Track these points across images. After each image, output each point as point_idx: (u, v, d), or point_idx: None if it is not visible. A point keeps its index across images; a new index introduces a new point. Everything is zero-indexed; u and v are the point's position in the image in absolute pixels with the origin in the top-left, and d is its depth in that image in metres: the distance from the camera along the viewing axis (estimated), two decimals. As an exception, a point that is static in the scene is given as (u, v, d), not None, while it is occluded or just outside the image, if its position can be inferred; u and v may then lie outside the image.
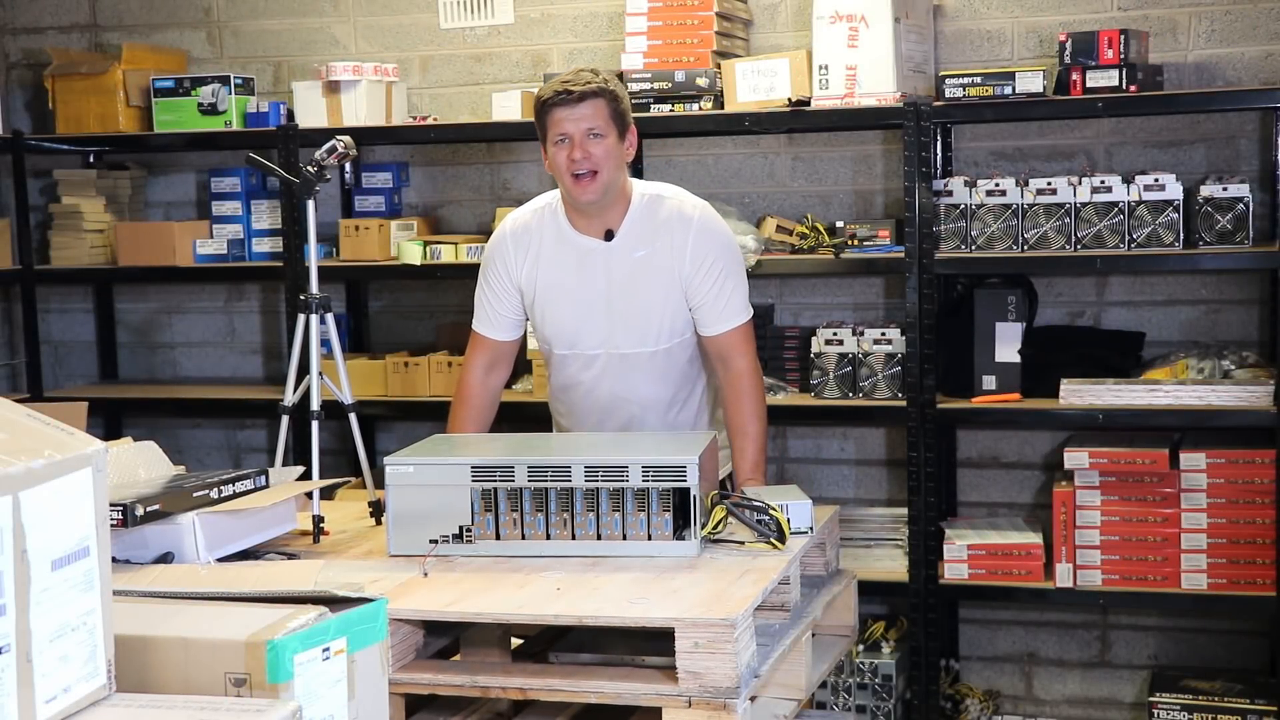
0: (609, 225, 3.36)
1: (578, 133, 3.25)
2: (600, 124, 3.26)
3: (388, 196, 4.97)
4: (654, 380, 3.45)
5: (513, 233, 3.45)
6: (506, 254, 3.45)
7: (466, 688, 2.54)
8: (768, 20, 4.67)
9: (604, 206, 3.34)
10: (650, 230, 3.37)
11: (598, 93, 3.27)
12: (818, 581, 3.10)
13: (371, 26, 5.04)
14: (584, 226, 3.37)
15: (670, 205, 3.42)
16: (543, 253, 3.41)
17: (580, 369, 3.46)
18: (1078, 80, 4.07)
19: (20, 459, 1.56)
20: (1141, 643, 4.56)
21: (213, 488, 2.80)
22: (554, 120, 3.27)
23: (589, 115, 3.26)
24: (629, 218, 3.37)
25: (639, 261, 3.36)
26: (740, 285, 3.44)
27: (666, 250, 3.36)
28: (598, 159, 3.26)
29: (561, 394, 3.56)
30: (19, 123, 5.26)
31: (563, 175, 3.29)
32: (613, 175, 3.30)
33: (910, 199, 4.19)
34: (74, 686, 1.63)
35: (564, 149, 3.26)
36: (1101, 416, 4.10)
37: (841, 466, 4.75)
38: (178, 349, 5.37)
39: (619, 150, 3.31)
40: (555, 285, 3.40)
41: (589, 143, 3.25)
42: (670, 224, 3.38)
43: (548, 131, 3.30)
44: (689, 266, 3.35)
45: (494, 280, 3.48)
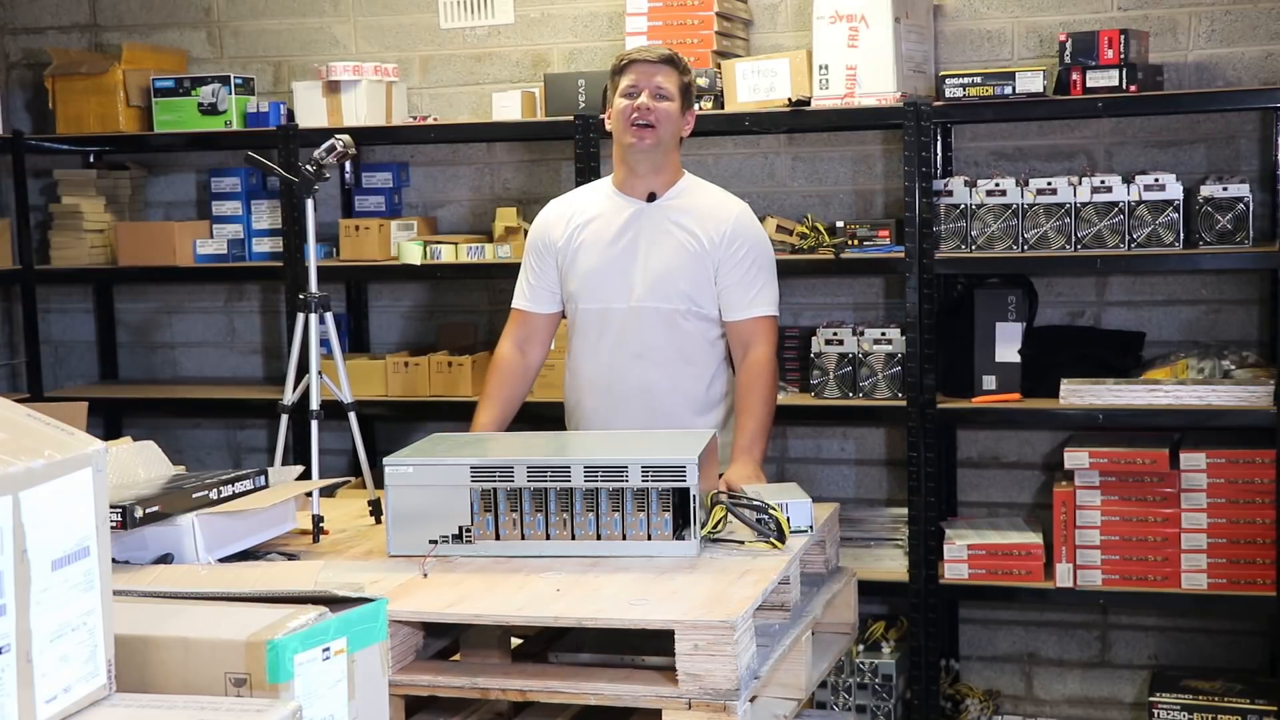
0: (653, 189, 3.54)
1: (648, 87, 3.47)
2: (669, 88, 3.49)
3: (388, 196, 4.97)
4: (672, 345, 3.52)
5: (559, 209, 3.66)
6: (549, 226, 3.63)
7: (466, 689, 2.54)
8: (768, 20, 4.67)
9: (653, 167, 3.52)
10: (693, 204, 3.55)
11: (674, 61, 3.52)
12: (818, 580, 3.10)
13: (371, 26, 5.04)
14: (629, 187, 3.56)
15: (716, 193, 3.64)
16: (584, 215, 3.58)
17: (601, 324, 3.55)
18: (1078, 80, 4.07)
19: (20, 459, 1.55)
20: (1141, 643, 4.56)
21: (212, 488, 2.80)
22: (631, 72, 3.49)
23: (661, 76, 3.48)
24: (675, 188, 3.57)
25: (676, 225, 3.52)
26: (771, 282, 3.59)
27: (706, 226, 3.52)
28: (660, 115, 3.46)
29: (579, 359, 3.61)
30: (19, 123, 5.26)
31: (623, 123, 3.48)
32: (668, 135, 3.49)
33: (910, 199, 4.19)
34: (74, 686, 1.63)
35: (631, 100, 3.47)
36: (1101, 416, 4.10)
37: (841, 466, 4.75)
38: (178, 349, 5.37)
39: (678, 118, 3.52)
40: (591, 237, 3.56)
41: (656, 100, 3.47)
42: (714, 206, 3.58)
43: (620, 84, 3.50)
44: (724, 249, 3.51)
45: (534, 256, 3.64)
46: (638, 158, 3.50)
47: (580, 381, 3.63)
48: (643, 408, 3.52)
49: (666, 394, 3.53)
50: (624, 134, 3.48)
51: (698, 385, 3.57)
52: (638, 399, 3.53)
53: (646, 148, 3.47)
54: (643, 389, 3.52)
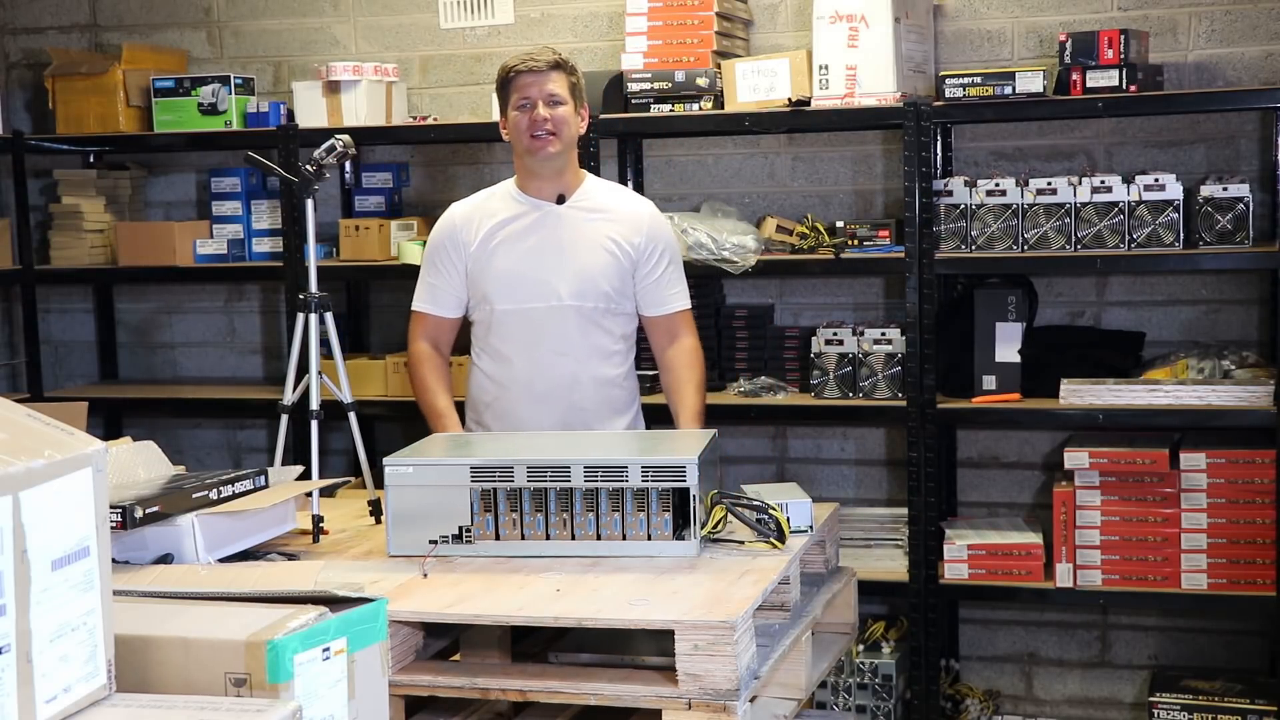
0: (561, 190, 3.60)
1: (541, 97, 3.50)
2: (561, 92, 3.52)
3: (388, 196, 4.97)
4: (593, 342, 3.58)
5: (462, 212, 3.69)
6: (456, 230, 3.66)
7: (466, 689, 2.54)
8: (768, 20, 4.67)
9: (557, 171, 3.57)
10: (604, 205, 3.62)
11: (560, 65, 3.55)
12: (817, 579, 3.10)
13: (371, 26, 5.04)
14: (535, 190, 3.61)
15: (624, 192, 3.75)
16: (493, 219, 3.62)
17: (520, 325, 3.58)
18: (1078, 80, 4.07)
19: (20, 459, 1.55)
20: (1141, 643, 4.56)
21: (212, 488, 2.80)
22: (518, 86, 3.52)
23: (551, 83, 3.52)
24: (582, 190, 3.62)
25: (591, 224, 3.59)
26: (683, 276, 3.70)
27: (620, 224, 3.59)
28: (558, 121, 3.51)
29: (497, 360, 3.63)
30: (19, 123, 5.26)
31: (522, 136, 3.54)
32: (569, 139, 3.55)
33: (910, 199, 4.19)
34: (74, 686, 1.63)
35: (526, 113, 3.51)
36: (1101, 416, 4.10)
37: (841, 466, 4.75)
38: (178, 349, 5.37)
39: (575, 119, 3.56)
40: (505, 240, 3.60)
41: (551, 106, 3.50)
42: (627, 205, 3.66)
43: (510, 98, 3.54)
44: (644, 247, 3.59)
45: (439, 258, 3.67)
46: (541, 165, 3.54)
47: (495, 381, 3.63)
48: (566, 405, 3.56)
49: (589, 391, 3.57)
50: (526, 145, 3.52)
51: (616, 382, 3.63)
52: (561, 397, 3.56)
53: (550, 155, 3.52)
54: (565, 387, 3.56)
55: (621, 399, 3.66)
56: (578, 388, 3.57)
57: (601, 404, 3.60)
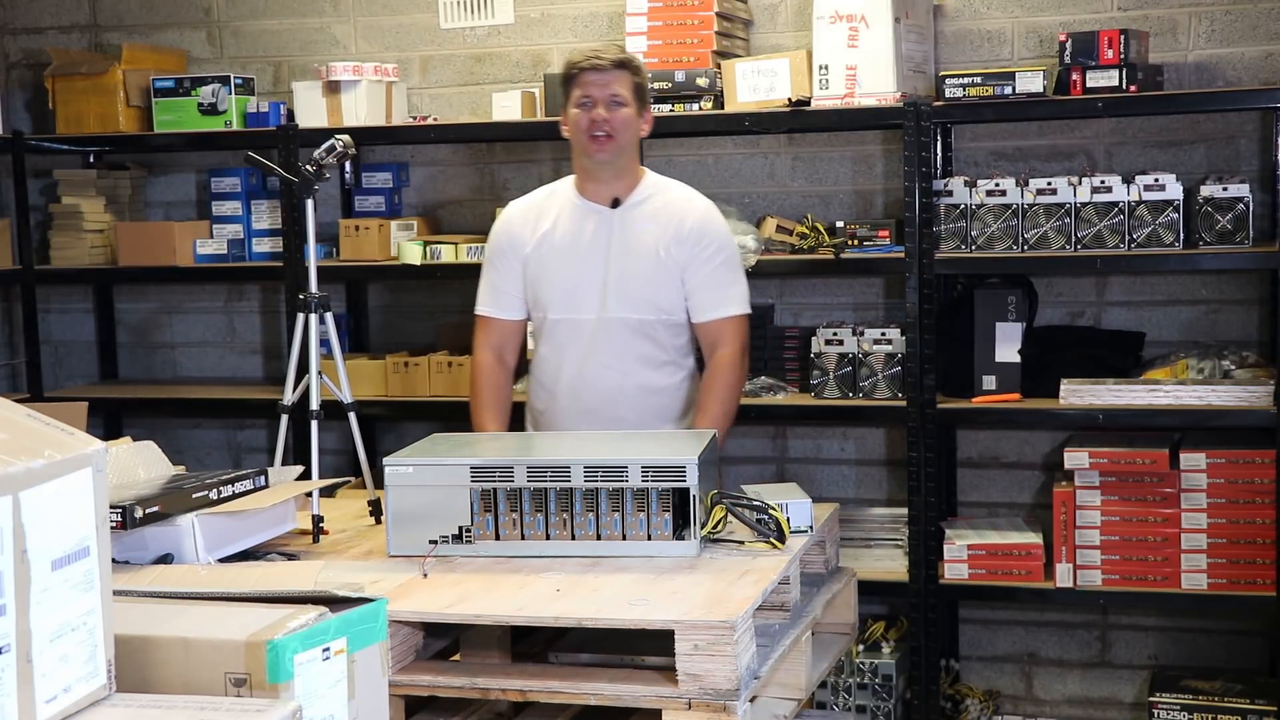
0: (617, 194, 3.52)
1: (602, 97, 3.44)
2: (624, 93, 3.46)
3: (388, 196, 4.97)
4: (642, 354, 3.52)
5: (519, 211, 3.62)
6: (513, 229, 3.59)
7: (466, 689, 2.54)
8: (768, 20, 4.67)
9: (615, 173, 3.50)
10: (657, 208, 3.52)
11: (626, 64, 3.48)
12: (817, 580, 3.10)
13: (371, 26, 5.04)
14: (592, 193, 3.53)
15: (680, 192, 3.61)
16: (549, 220, 3.55)
17: (570, 335, 3.53)
18: (1078, 80, 4.07)
19: (20, 459, 1.55)
20: (1141, 643, 4.56)
21: (212, 488, 2.80)
22: (582, 83, 3.45)
23: (615, 83, 3.45)
24: (637, 192, 3.54)
25: (642, 233, 3.50)
26: (739, 280, 3.57)
27: (671, 230, 3.50)
28: (617, 124, 3.44)
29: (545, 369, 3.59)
30: (19, 123, 5.26)
31: (581, 135, 3.45)
32: (628, 142, 3.48)
33: (910, 199, 4.19)
34: (74, 686, 1.63)
35: (586, 111, 3.45)
36: (1101, 416, 4.10)
37: (841, 466, 4.75)
38: (178, 349, 5.37)
39: (636, 122, 3.50)
40: (559, 247, 3.53)
41: (611, 108, 3.44)
42: (679, 207, 3.55)
43: (572, 94, 3.46)
44: (690, 250, 3.49)
45: (498, 259, 3.60)
46: (598, 166, 3.49)
47: (547, 390, 3.61)
48: (612, 418, 3.51)
49: (636, 403, 3.52)
50: (583, 145, 3.46)
51: (668, 391, 3.57)
52: (607, 409, 3.52)
53: (607, 158, 3.46)
54: (612, 399, 3.52)
55: (673, 407, 3.58)
56: (624, 400, 3.51)
57: (650, 414, 3.53)
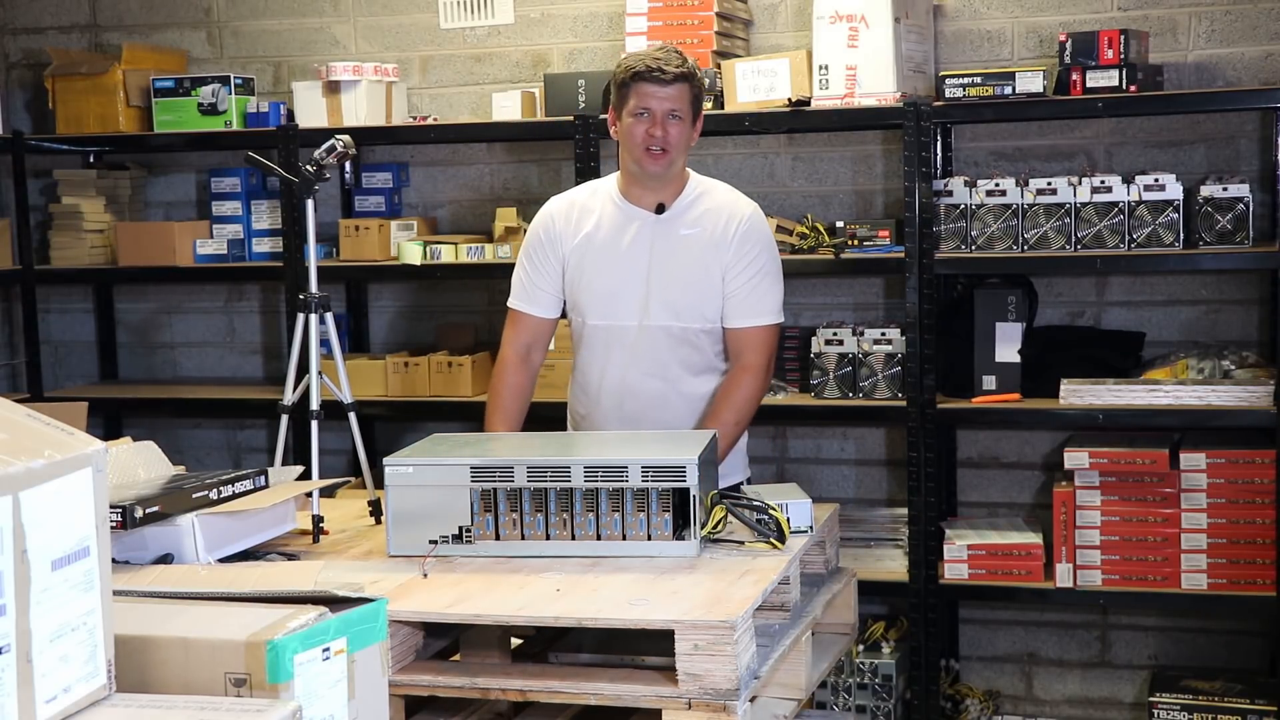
0: (662, 200, 3.44)
1: (661, 111, 3.33)
2: (682, 107, 3.36)
3: (388, 196, 4.97)
4: (685, 361, 3.46)
5: (561, 208, 3.53)
6: (553, 226, 3.51)
7: (466, 689, 2.54)
8: (768, 20, 4.67)
9: (663, 182, 3.42)
10: (702, 213, 3.45)
11: (687, 77, 3.36)
12: (817, 580, 3.10)
13: (371, 26, 5.04)
14: (637, 198, 3.45)
15: (725, 196, 3.52)
16: (591, 221, 3.48)
17: (611, 342, 3.47)
18: (1078, 80, 4.07)
19: (20, 459, 1.55)
20: (1141, 643, 4.56)
21: (212, 488, 2.80)
22: (640, 93, 3.34)
23: (675, 96, 3.34)
24: (683, 197, 3.46)
25: (685, 239, 3.43)
26: (776, 289, 3.50)
27: (715, 235, 3.43)
28: (673, 139, 3.35)
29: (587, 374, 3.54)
30: (19, 123, 5.26)
31: (635, 146, 3.36)
32: (680, 156, 3.41)
33: (910, 199, 4.19)
34: (74, 686, 1.63)
35: (644, 123, 3.34)
36: (1101, 416, 4.10)
37: (841, 466, 4.75)
38: (178, 349, 5.37)
39: (690, 135, 3.41)
40: (600, 251, 3.46)
41: (669, 122, 3.34)
42: (723, 211, 3.46)
43: (629, 102, 3.36)
44: (732, 254, 3.42)
45: (537, 254, 3.52)
46: (648, 177, 3.40)
47: (589, 395, 3.55)
48: (655, 423, 3.45)
49: (680, 409, 3.47)
50: (637, 157, 3.36)
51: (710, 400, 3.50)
52: (651, 417, 3.46)
53: (660, 170, 3.38)
54: (656, 405, 3.46)
55: None
56: (668, 407, 3.46)
57: (692, 420, 3.48)
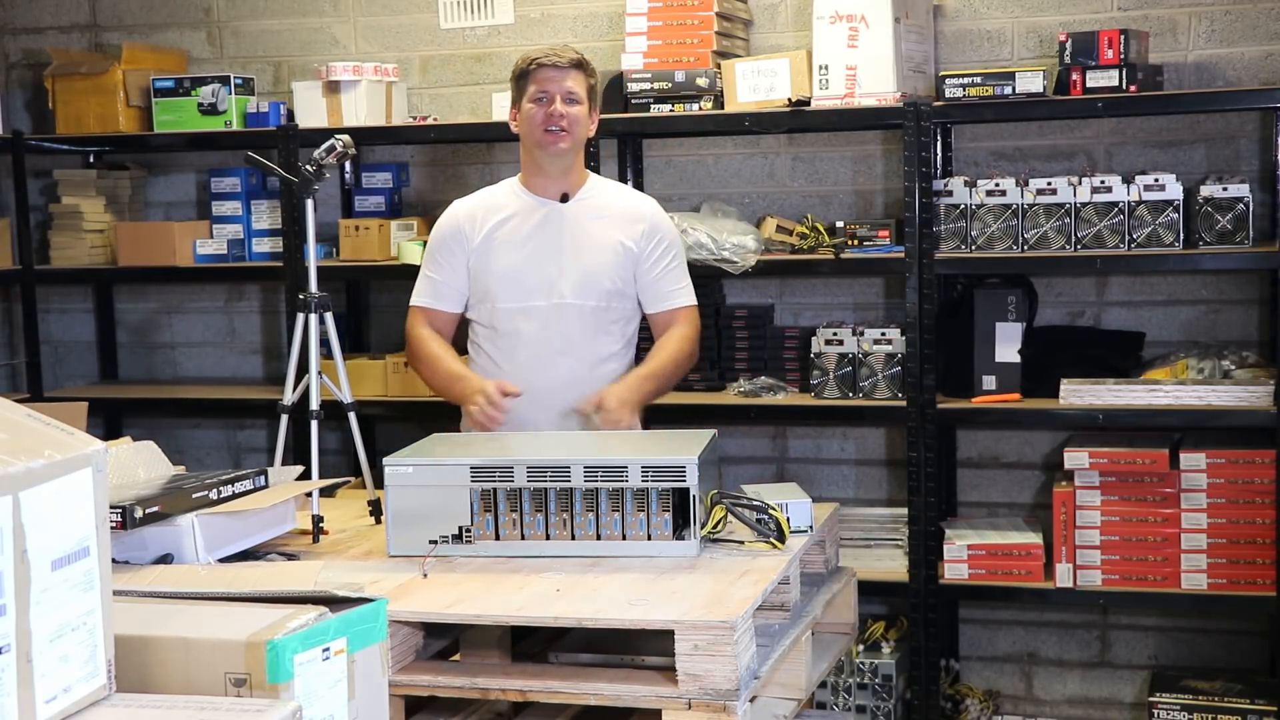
0: (565, 189, 3.61)
1: (559, 93, 3.52)
2: (579, 91, 3.55)
3: (388, 196, 4.97)
4: (593, 341, 3.58)
5: (465, 209, 3.71)
6: (459, 225, 3.67)
7: (466, 689, 2.54)
8: (768, 20, 4.67)
9: (564, 169, 3.59)
10: (607, 203, 3.64)
11: (581, 65, 3.58)
12: (817, 579, 3.10)
13: (371, 26, 5.04)
14: (540, 188, 3.62)
15: (626, 191, 3.79)
16: (497, 215, 3.63)
17: (521, 322, 3.58)
18: (1078, 80, 4.07)
19: (20, 459, 1.55)
20: (1141, 643, 4.56)
21: (212, 488, 2.80)
22: (539, 79, 3.53)
23: (571, 80, 3.54)
24: (586, 187, 3.65)
25: (593, 225, 3.61)
26: (686, 273, 3.70)
27: (626, 224, 3.60)
28: (571, 120, 3.52)
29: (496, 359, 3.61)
30: (19, 123, 5.26)
31: (536, 129, 3.53)
32: (580, 139, 3.57)
33: (910, 199, 4.19)
34: (74, 686, 1.63)
35: (542, 106, 3.52)
36: (1101, 416, 4.10)
37: (841, 466, 4.75)
38: (178, 349, 5.37)
39: (587, 121, 3.59)
40: (509, 238, 3.61)
41: (567, 104, 3.52)
42: (629, 203, 3.68)
43: (527, 89, 3.55)
44: (646, 245, 3.60)
45: (441, 254, 3.67)
46: (550, 161, 3.56)
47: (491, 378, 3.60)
48: (564, 404, 3.53)
49: (588, 390, 3.52)
50: (538, 138, 3.53)
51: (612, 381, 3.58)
52: (560, 396, 3.53)
53: (560, 151, 3.54)
54: (565, 386, 3.54)
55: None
56: (577, 387, 3.54)
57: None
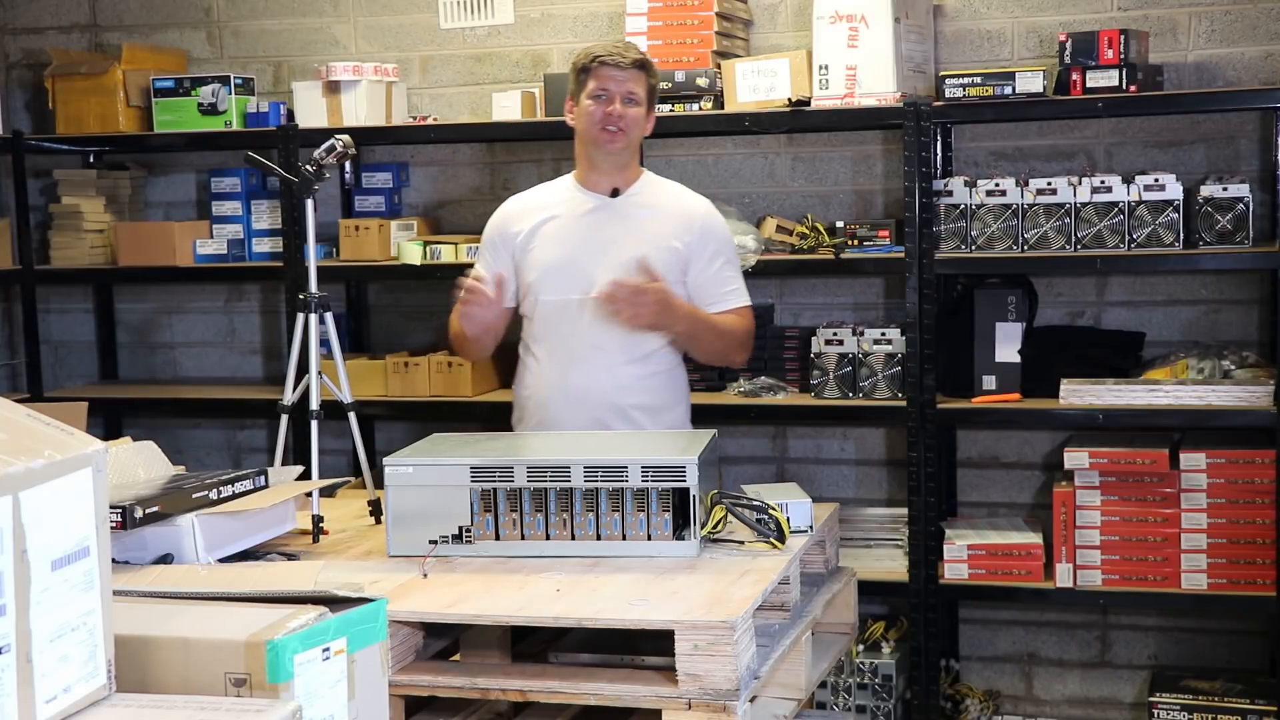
0: (616, 185, 3.58)
1: (619, 92, 3.50)
2: (639, 93, 3.53)
3: (388, 196, 4.97)
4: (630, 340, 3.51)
5: (516, 205, 3.70)
6: (507, 223, 3.65)
7: (466, 689, 2.54)
8: (768, 20, 4.67)
9: (618, 166, 3.57)
10: (658, 200, 3.61)
11: (644, 65, 3.56)
12: (817, 579, 3.10)
13: (371, 26, 5.04)
14: (592, 183, 3.60)
15: (678, 189, 3.70)
16: (546, 211, 3.61)
17: (561, 316, 3.55)
18: (1078, 80, 4.07)
19: (20, 459, 1.55)
20: (1141, 643, 4.56)
21: (212, 488, 2.80)
22: (600, 75, 3.51)
23: (632, 80, 3.51)
24: (638, 184, 3.62)
25: (642, 220, 3.57)
26: (739, 274, 3.66)
27: (676, 223, 3.57)
28: (629, 120, 3.51)
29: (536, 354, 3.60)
30: (19, 123, 5.26)
31: (593, 126, 3.51)
32: (635, 139, 3.57)
33: (910, 199, 4.19)
34: (74, 686, 1.63)
35: (601, 104, 3.50)
36: (1101, 416, 4.10)
37: (841, 466, 4.75)
38: (178, 349, 5.37)
39: (644, 122, 3.57)
40: (554, 232, 3.59)
41: (626, 104, 3.51)
42: (682, 202, 3.64)
43: (588, 85, 3.52)
44: (697, 245, 3.56)
45: (489, 251, 3.67)
46: (604, 157, 3.55)
47: (533, 375, 3.61)
48: (600, 402, 3.51)
49: (626, 387, 3.52)
50: (594, 136, 3.51)
51: (658, 380, 3.57)
52: (597, 393, 3.51)
53: (615, 150, 3.53)
54: (601, 382, 3.52)
55: (664, 398, 3.59)
56: (614, 384, 3.51)
57: (640, 402, 3.54)
